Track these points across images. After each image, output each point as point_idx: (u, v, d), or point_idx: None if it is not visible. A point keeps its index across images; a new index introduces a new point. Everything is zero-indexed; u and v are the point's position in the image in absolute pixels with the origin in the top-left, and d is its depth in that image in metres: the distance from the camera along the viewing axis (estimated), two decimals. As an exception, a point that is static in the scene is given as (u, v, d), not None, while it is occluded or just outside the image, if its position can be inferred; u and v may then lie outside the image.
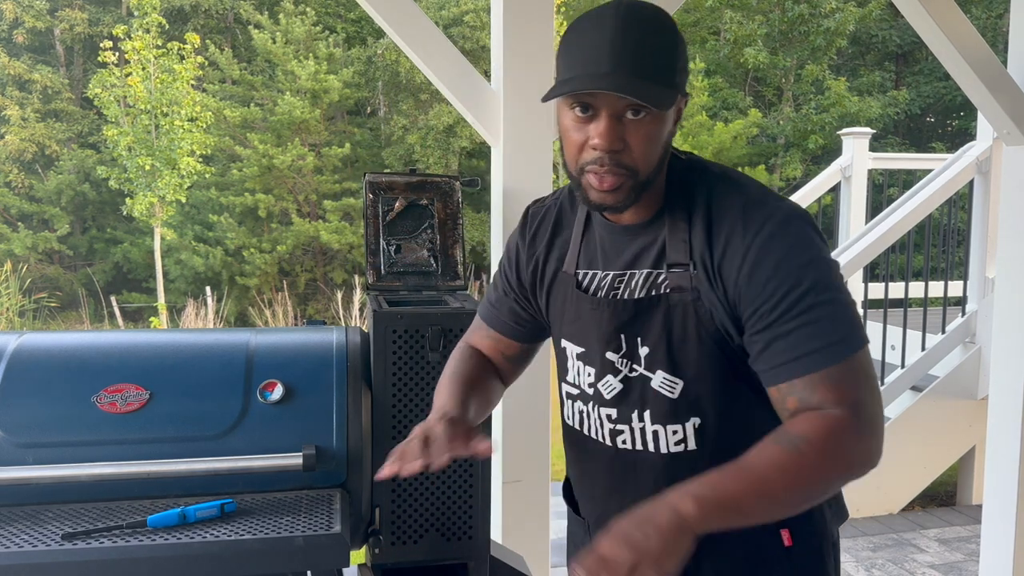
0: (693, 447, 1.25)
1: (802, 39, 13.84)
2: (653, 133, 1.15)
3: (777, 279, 1.13)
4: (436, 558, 1.69)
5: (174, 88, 10.59)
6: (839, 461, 1.08)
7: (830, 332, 1.12)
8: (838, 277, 1.16)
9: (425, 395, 1.66)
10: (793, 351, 1.12)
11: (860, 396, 1.11)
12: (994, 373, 3.09)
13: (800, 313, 1.12)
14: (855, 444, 1.09)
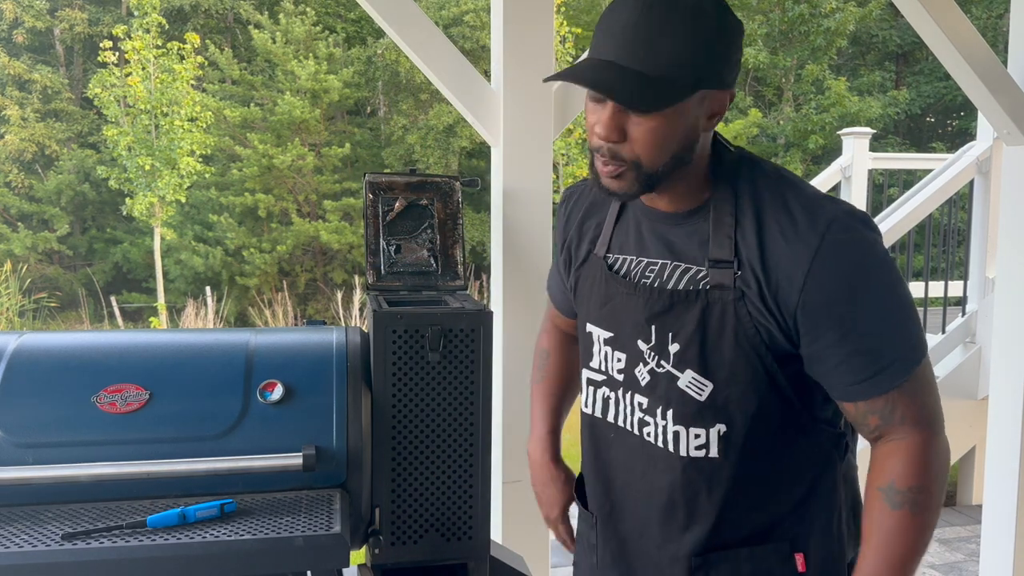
0: (715, 455, 1.19)
1: (802, 39, 13.84)
2: (659, 129, 1.09)
3: (846, 293, 1.10)
4: (436, 558, 1.69)
5: (174, 88, 10.59)
6: (942, 476, 1.16)
7: (903, 343, 1.12)
8: (899, 279, 1.14)
9: (425, 395, 1.66)
10: (869, 368, 1.11)
11: (930, 402, 1.15)
12: (994, 373, 3.09)
13: (872, 328, 1.11)
14: (942, 452, 1.16)
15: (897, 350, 1.12)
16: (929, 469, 1.13)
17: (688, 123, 1.11)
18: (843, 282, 1.10)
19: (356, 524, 1.60)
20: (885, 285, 1.11)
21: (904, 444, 1.14)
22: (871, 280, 1.11)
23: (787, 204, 1.13)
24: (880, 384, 1.12)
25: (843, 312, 1.10)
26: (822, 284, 1.10)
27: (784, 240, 1.11)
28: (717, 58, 1.10)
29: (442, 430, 1.67)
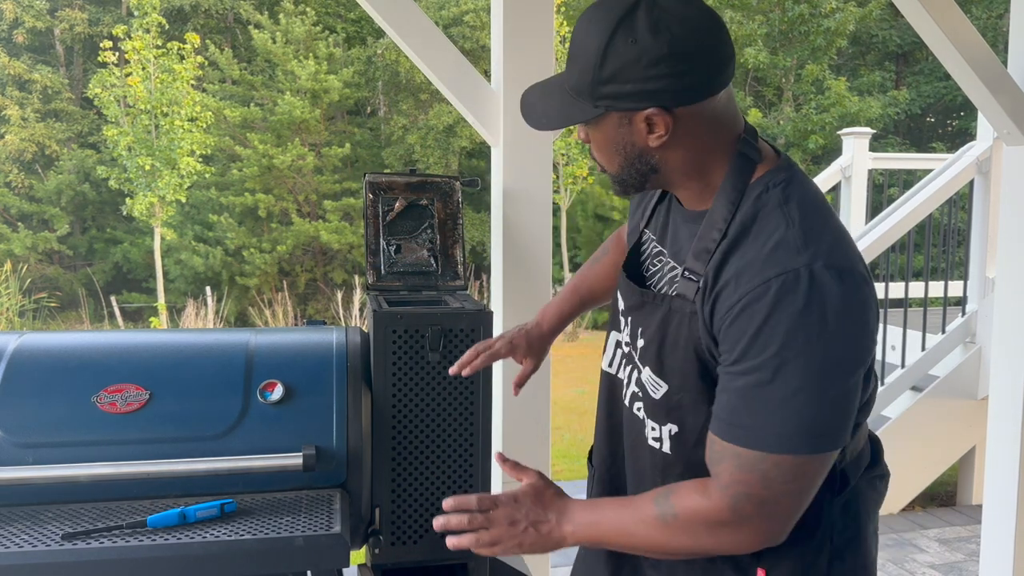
0: (667, 451, 1.22)
1: (802, 39, 13.84)
2: (599, 141, 1.17)
3: (754, 335, 1.04)
4: (436, 558, 1.69)
5: (174, 88, 10.59)
6: (698, 544, 1.11)
7: (771, 420, 1.03)
8: (833, 369, 1.03)
9: (425, 395, 1.66)
10: (733, 412, 1.07)
11: (760, 492, 1.05)
12: (994, 373, 3.09)
13: (759, 381, 1.03)
14: (722, 536, 1.09)
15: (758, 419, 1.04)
16: (699, 524, 1.09)
17: (621, 139, 1.15)
18: (763, 325, 1.03)
19: (356, 524, 1.60)
20: (798, 360, 1.02)
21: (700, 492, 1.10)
22: (789, 347, 1.02)
23: (769, 235, 1.08)
24: (727, 431, 1.07)
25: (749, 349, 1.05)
26: (744, 315, 1.05)
27: (740, 268, 1.08)
28: (611, 83, 1.10)
29: (442, 430, 1.67)
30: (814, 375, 1.02)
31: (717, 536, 1.09)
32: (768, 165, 1.16)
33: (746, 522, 1.07)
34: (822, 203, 1.13)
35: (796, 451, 1.04)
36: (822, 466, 1.07)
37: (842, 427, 1.06)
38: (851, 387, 1.05)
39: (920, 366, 4.56)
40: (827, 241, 1.06)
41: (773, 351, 1.02)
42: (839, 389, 1.04)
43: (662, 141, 1.12)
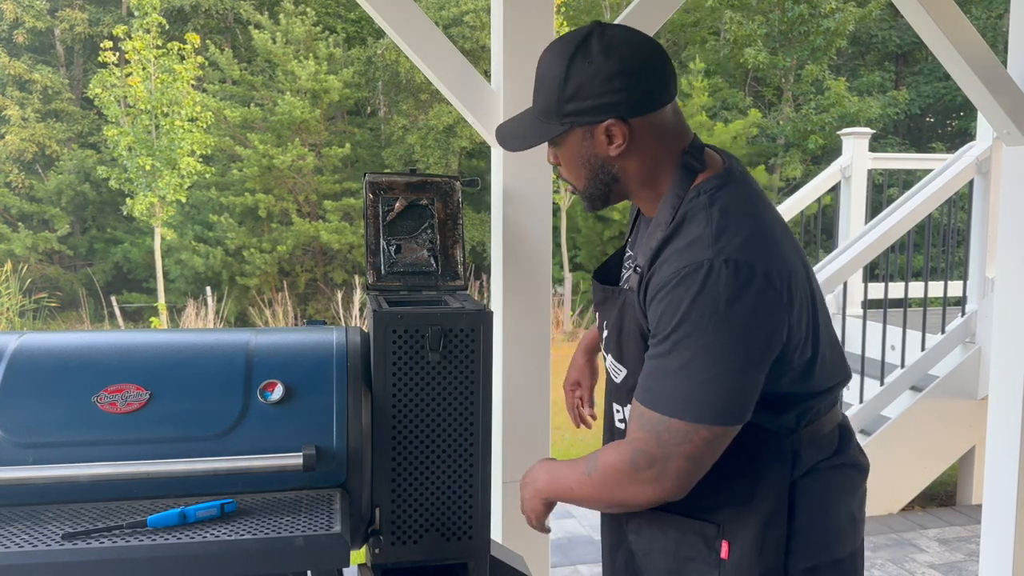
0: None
1: (802, 39, 13.84)
2: (564, 156, 1.36)
3: (668, 310, 1.22)
4: (436, 558, 1.69)
5: (174, 88, 10.59)
6: (611, 495, 1.31)
7: (679, 386, 1.21)
8: (720, 350, 1.19)
9: (425, 395, 1.66)
10: (644, 378, 1.26)
11: (654, 450, 1.23)
12: (994, 373, 3.09)
13: (673, 354, 1.21)
14: (627, 486, 1.28)
15: (665, 386, 1.22)
16: (606, 476, 1.30)
17: (585, 153, 1.33)
18: (672, 308, 1.21)
19: (356, 524, 1.60)
20: (702, 336, 1.19)
21: (613, 448, 1.30)
22: (694, 324, 1.19)
23: (689, 234, 1.25)
24: (639, 393, 1.26)
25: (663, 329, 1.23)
26: (661, 301, 1.24)
27: (669, 257, 1.26)
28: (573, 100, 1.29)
29: (442, 430, 1.67)
30: (702, 352, 1.19)
31: (623, 488, 1.28)
32: (711, 172, 1.33)
33: (641, 476, 1.25)
34: (748, 207, 1.28)
35: (684, 417, 1.20)
36: (714, 437, 1.22)
37: (731, 405, 1.21)
38: (740, 369, 1.20)
39: (920, 366, 4.56)
40: (736, 240, 1.22)
41: (672, 327, 1.21)
42: (726, 369, 1.19)
43: (620, 150, 1.30)
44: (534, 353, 2.31)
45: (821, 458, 1.35)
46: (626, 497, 1.29)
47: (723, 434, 1.22)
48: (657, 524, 1.39)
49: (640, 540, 1.44)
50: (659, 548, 1.39)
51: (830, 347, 1.35)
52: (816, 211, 5.83)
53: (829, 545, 1.36)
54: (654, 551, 1.40)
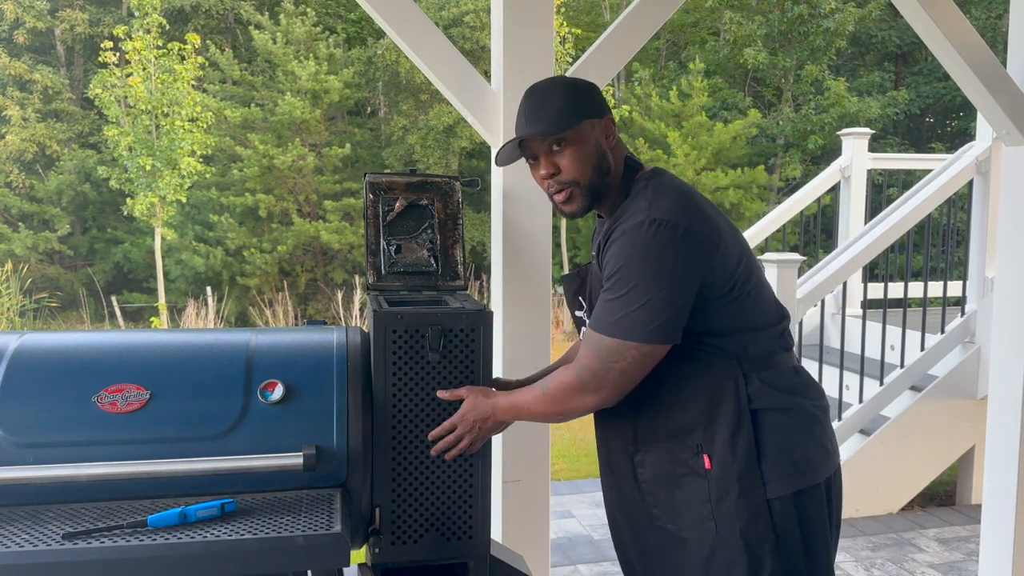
0: None
1: (802, 39, 13.84)
2: (575, 153, 1.65)
3: (613, 261, 1.57)
4: (436, 558, 1.69)
5: (175, 88, 10.59)
6: (563, 406, 1.63)
7: (616, 313, 1.55)
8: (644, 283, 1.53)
9: (425, 395, 1.66)
10: (595, 310, 1.61)
11: (595, 365, 1.57)
12: (994, 373, 3.10)
13: (613, 290, 1.56)
14: (574, 398, 1.61)
15: (609, 314, 1.56)
16: (559, 389, 1.62)
17: (592, 143, 1.67)
18: (616, 254, 1.57)
19: (356, 524, 1.60)
20: (636, 273, 1.54)
21: (566, 368, 1.62)
22: (631, 265, 1.55)
23: (633, 209, 1.62)
24: (591, 321, 1.61)
25: (607, 274, 1.59)
26: (611, 254, 1.59)
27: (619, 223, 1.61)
28: (583, 102, 1.67)
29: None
30: (634, 287, 1.54)
31: (571, 400, 1.61)
32: (642, 172, 1.72)
33: (585, 388, 1.59)
34: (675, 185, 1.66)
35: (619, 336, 1.55)
36: (641, 355, 1.56)
37: (656, 328, 1.54)
38: (663, 299, 1.53)
39: (919, 366, 4.56)
40: (663, 207, 1.58)
41: (614, 271, 1.57)
42: (652, 299, 1.53)
43: (612, 142, 1.71)
44: (534, 353, 2.31)
45: (781, 392, 1.65)
46: (573, 407, 1.62)
47: (651, 352, 1.56)
48: (655, 451, 1.68)
49: (645, 470, 1.70)
50: (663, 472, 1.67)
51: (760, 291, 1.68)
52: (816, 211, 5.83)
53: (804, 473, 1.63)
54: (659, 475, 1.68)
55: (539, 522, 2.38)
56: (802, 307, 4.30)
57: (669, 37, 16.27)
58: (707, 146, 12.82)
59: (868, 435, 4.45)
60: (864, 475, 4.40)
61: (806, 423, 1.67)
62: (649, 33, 2.42)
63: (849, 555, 3.89)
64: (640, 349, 1.55)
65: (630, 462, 1.74)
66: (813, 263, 5.39)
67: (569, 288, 1.86)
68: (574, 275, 1.84)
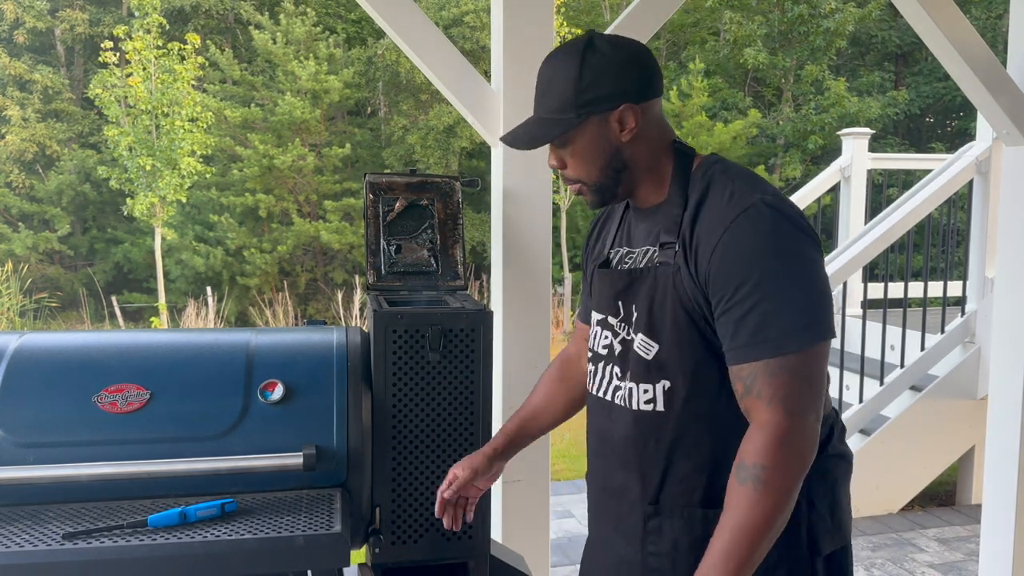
0: (661, 408, 1.36)
1: (802, 39, 13.84)
2: (578, 151, 1.38)
3: (740, 266, 1.25)
4: (436, 558, 1.69)
5: (175, 88, 10.59)
6: (792, 458, 1.21)
7: (788, 322, 1.22)
8: (809, 267, 1.25)
9: (425, 395, 1.66)
10: (744, 337, 1.24)
11: (791, 390, 1.22)
12: (994, 373, 3.10)
13: (757, 301, 1.23)
14: (796, 436, 1.22)
15: (778, 327, 1.22)
16: (776, 449, 1.20)
17: (600, 141, 1.38)
18: (740, 256, 1.25)
19: (356, 524, 1.60)
20: (778, 267, 1.24)
21: (757, 425, 1.23)
22: (768, 259, 1.24)
23: (723, 192, 1.32)
24: (748, 352, 1.24)
25: (741, 279, 1.25)
26: (726, 252, 1.26)
27: (709, 220, 1.31)
28: (596, 92, 1.35)
29: (442, 430, 1.68)
30: (799, 277, 1.24)
31: (801, 450, 1.22)
32: (700, 158, 1.43)
33: (800, 417, 1.22)
34: (753, 173, 1.39)
35: (811, 341, 1.22)
36: (825, 354, 1.25)
37: (831, 316, 1.26)
38: (825, 282, 1.27)
39: (919, 366, 4.56)
40: (765, 188, 1.32)
41: (763, 268, 1.24)
42: (819, 284, 1.26)
43: (632, 135, 1.37)
44: (534, 353, 2.31)
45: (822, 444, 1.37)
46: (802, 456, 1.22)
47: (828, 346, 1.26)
48: (680, 519, 1.35)
49: (662, 543, 1.37)
50: (685, 543, 1.34)
51: None
52: (816, 211, 5.83)
53: (842, 530, 1.43)
54: (679, 546, 1.34)
55: (539, 522, 2.38)
56: (802, 307, 4.29)
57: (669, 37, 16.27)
58: (707, 146, 12.81)
59: (868, 435, 4.45)
60: (864, 475, 4.40)
61: (845, 475, 1.47)
62: (649, 33, 2.42)
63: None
64: (827, 346, 1.26)
65: (642, 526, 1.40)
66: (813, 263, 5.37)
67: (612, 287, 1.46)
68: (623, 273, 1.44)
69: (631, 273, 1.41)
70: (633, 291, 1.40)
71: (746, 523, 1.19)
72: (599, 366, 1.49)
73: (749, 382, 1.24)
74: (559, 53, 1.38)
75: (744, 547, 1.19)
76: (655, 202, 1.42)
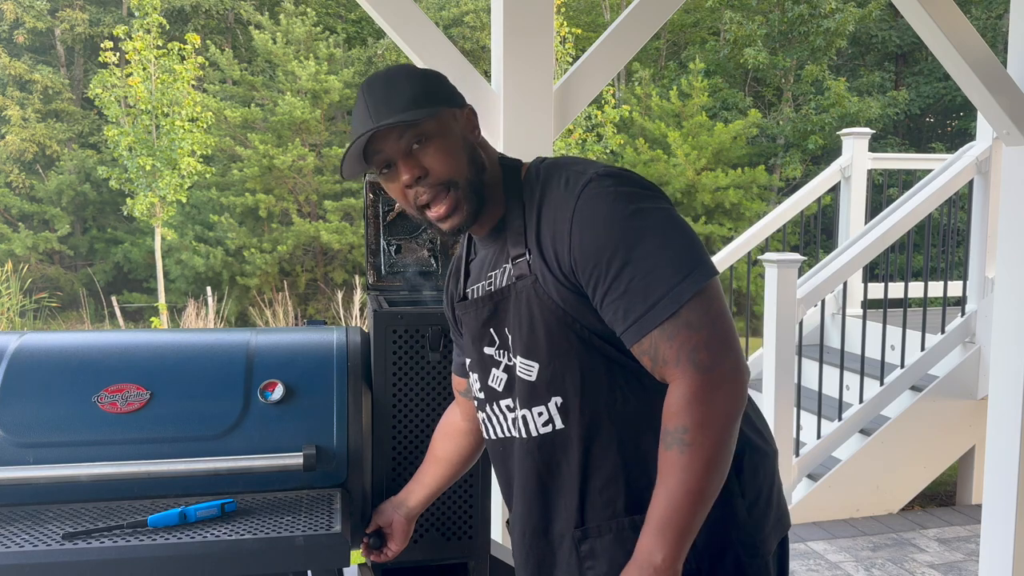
0: (560, 426, 1.28)
1: (802, 39, 13.83)
2: (443, 146, 1.28)
3: (600, 239, 1.19)
4: (436, 558, 1.69)
5: (175, 88, 10.59)
6: (721, 426, 1.15)
7: (659, 284, 1.16)
8: (664, 218, 1.20)
9: (425, 395, 1.66)
10: (633, 312, 1.17)
11: (695, 342, 1.15)
12: (994, 373, 3.10)
13: (631, 270, 1.17)
14: (721, 396, 1.15)
15: (660, 287, 1.16)
16: (695, 407, 1.14)
17: (456, 134, 1.30)
18: (598, 225, 1.19)
19: (356, 524, 1.60)
20: (642, 220, 1.18)
21: (672, 387, 1.17)
22: (622, 217, 1.19)
23: (558, 183, 1.27)
24: (643, 326, 1.17)
25: (607, 253, 1.18)
26: (583, 232, 1.20)
27: (554, 212, 1.25)
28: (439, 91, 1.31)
29: (442, 430, 1.67)
30: (659, 228, 1.19)
31: (722, 402, 1.15)
32: (525, 166, 1.37)
33: (717, 367, 1.15)
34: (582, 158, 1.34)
35: (694, 289, 1.16)
36: (717, 290, 1.19)
37: (706, 253, 1.20)
38: (684, 224, 1.22)
39: (920, 366, 4.56)
40: (597, 165, 1.27)
41: (622, 234, 1.18)
42: (680, 227, 1.21)
43: (480, 139, 1.34)
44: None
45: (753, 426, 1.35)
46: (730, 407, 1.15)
47: (718, 282, 1.21)
48: (611, 535, 1.26)
49: (600, 565, 1.27)
50: (624, 562, 1.20)
51: None
52: (816, 211, 5.83)
53: (783, 519, 1.37)
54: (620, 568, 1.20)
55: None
56: (802, 307, 4.30)
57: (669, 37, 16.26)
58: (707, 146, 12.81)
59: (868, 435, 4.45)
60: (864, 475, 4.40)
61: (775, 462, 1.38)
62: (649, 33, 2.42)
63: (849, 555, 3.89)
64: (716, 283, 1.19)
65: (575, 555, 1.29)
66: (813, 263, 5.39)
67: (477, 317, 1.36)
68: (485, 298, 1.35)
69: (492, 297, 1.34)
70: (499, 314, 1.33)
71: (679, 488, 1.13)
72: (489, 409, 1.40)
73: (653, 352, 1.18)
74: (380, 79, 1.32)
75: (682, 512, 1.13)
76: (496, 218, 1.35)
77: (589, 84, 2.40)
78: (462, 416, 1.59)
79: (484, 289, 1.37)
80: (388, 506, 1.64)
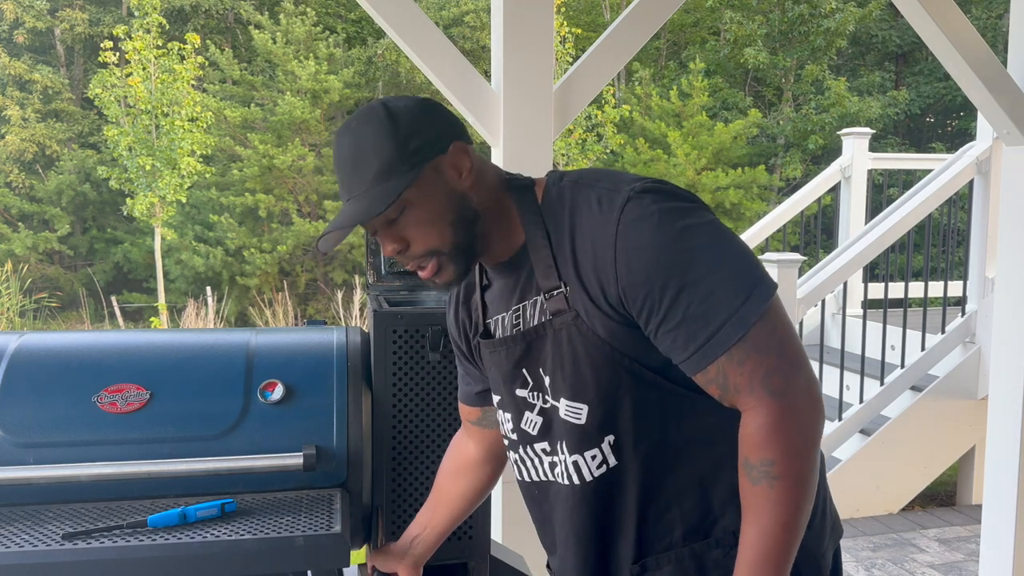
0: (614, 462, 1.22)
1: (802, 39, 13.83)
2: (423, 215, 1.18)
3: (650, 267, 1.10)
4: (436, 558, 1.69)
5: (174, 88, 10.59)
6: (797, 442, 1.09)
7: (720, 309, 1.08)
8: (715, 233, 1.12)
9: (425, 395, 1.66)
10: (693, 341, 1.10)
11: (767, 367, 1.08)
12: (994, 373, 3.10)
13: (687, 297, 1.09)
14: (798, 424, 1.09)
15: (722, 312, 1.08)
16: (777, 437, 1.08)
17: (443, 194, 1.18)
18: (646, 252, 1.10)
19: (356, 524, 1.60)
20: (692, 241, 1.10)
21: (749, 416, 1.11)
22: (672, 240, 1.10)
23: (590, 205, 1.16)
24: (706, 355, 1.10)
25: (659, 282, 1.10)
26: (630, 261, 1.11)
27: (593, 240, 1.14)
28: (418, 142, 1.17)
29: (442, 430, 1.67)
30: (711, 247, 1.11)
31: (803, 427, 1.09)
32: (540, 184, 1.26)
33: (791, 389, 1.09)
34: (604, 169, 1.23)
35: (759, 311, 1.08)
36: (780, 307, 1.12)
37: (763, 268, 1.13)
38: (736, 237, 1.15)
39: (920, 366, 4.56)
40: (625, 177, 1.18)
41: (674, 258, 1.09)
42: (734, 243, 1.13)
43: (471, 179, 1.20)
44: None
45: None
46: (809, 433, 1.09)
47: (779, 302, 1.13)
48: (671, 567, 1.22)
49: None
50: None
51: None
52: (816, 211, 5.83)
53: (836, 525, 1.33)
54: None
55: (539, 522, 2.38)
56: (802, 307, 4.30)
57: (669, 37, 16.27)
58: (707, 146, 12.81)
59: (868, 435, 4.45)
60: (864, 475, 4.40)
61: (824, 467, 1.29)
62: (649, 33, 2.42)
63: (849, 555, 3.89)
64: (777, 300, 1.12)
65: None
66: (813, 263, 5.39)
67: (509, 356, 1.27)
68: (517, 337, 1.25)
69: (525, 335, 1.24)
70: (532, 354, 1.24)
71: (774, 524, 1.08)
72: (522, 451, 1.32)
73: (721, 381, 1.10)
74: (353, 124, 1.20)
75: (780, 547, 1.08)
76: (514, 248, 1.24)
77: (589, 84, 2.40)
78: (475, 446, 1.52)
79: (513, 326, 1.28)
80: (391, 555, 1.55)
